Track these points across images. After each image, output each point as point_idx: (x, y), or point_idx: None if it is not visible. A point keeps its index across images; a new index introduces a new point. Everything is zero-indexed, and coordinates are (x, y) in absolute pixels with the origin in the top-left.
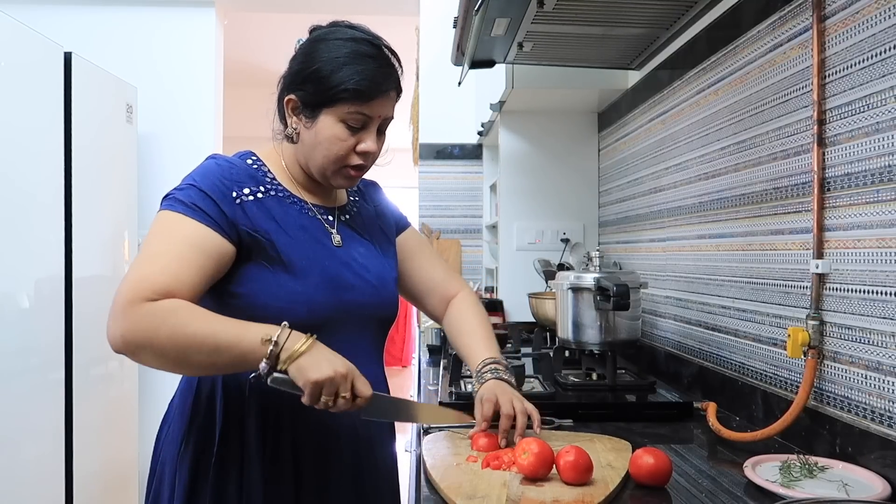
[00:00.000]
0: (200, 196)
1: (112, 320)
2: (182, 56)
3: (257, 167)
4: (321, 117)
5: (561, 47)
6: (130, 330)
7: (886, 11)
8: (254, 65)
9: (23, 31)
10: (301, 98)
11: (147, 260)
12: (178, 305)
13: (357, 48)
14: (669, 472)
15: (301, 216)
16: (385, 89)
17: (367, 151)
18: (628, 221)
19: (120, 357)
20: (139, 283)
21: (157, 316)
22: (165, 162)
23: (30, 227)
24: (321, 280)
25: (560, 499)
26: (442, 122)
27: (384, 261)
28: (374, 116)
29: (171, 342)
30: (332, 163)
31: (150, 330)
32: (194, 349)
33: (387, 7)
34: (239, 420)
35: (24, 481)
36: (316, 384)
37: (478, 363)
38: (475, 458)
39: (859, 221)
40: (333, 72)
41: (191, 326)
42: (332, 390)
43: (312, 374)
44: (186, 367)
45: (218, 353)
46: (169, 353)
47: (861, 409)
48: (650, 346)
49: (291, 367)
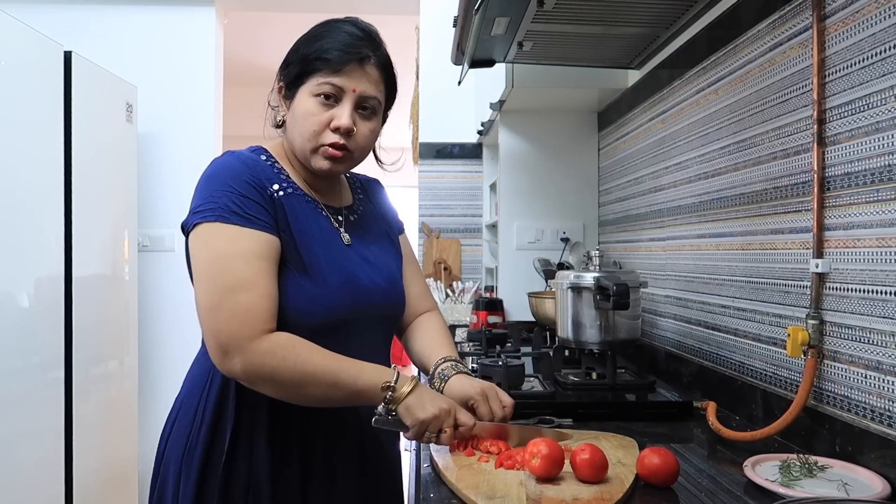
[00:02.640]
0: (245, 201)
1: (226, 355)
2: (182, 55)
3: (271, 163)
4: (297, 96)
5: (561, 46)
6: (255, 365)
7: (886, 11)
8: (254, 64)
9: (23, 30)
10: (284, 80)
11: (238, 287)
12: (295, 341)
13: (332, 24)
14: (677, 472)
15: (317, 216)
16: (354, 58)
17: (339, 126)
18: (628, 221)
19: (120, 356)
20: (249, 315)
21: (278, 354)
22: (165, 161)
23: (30, 227)
24: (339, 282)
25: (579, 497)
26: (442, 121)
27: (391, 261)
28: (346, 88)
29: (290, 378)
30: (307, 140)
31: (273, 366)
32: (313, 385)
33: (387, 6)
34: (250, 417)
35: (23, 480)
36: (423, 423)
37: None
38: (487, 458)
39: (859, 221)
40: (306, 46)
41: (310, 364)
42: (437, 426)
43: (420, 413)
44: (301, 398)
45: (335, 388)
46: (288, 387)
47: (861, 408)
48: (650, 346)
49: (400, 408)
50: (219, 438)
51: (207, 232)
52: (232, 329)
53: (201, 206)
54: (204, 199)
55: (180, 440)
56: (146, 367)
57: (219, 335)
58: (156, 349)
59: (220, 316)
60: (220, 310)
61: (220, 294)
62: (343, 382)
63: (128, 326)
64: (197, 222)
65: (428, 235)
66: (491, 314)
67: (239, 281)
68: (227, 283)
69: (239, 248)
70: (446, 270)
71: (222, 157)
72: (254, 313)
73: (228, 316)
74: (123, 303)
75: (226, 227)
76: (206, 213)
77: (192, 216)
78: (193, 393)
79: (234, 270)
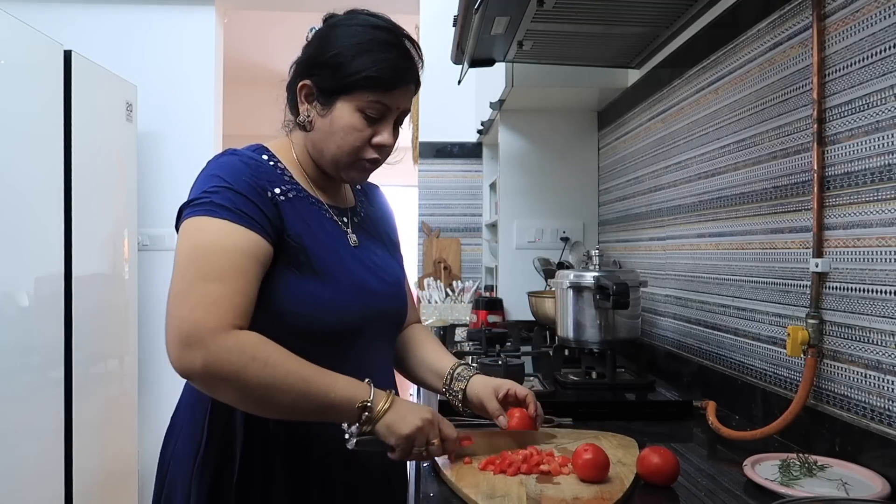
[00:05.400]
0: (240, 199)
1: (187, 346)
2: (182, 54)
3: (274, 164)
4: (337, 105)
5: (561, 46)
6: (218, 361)
7: (886, 10)
8: (254, 63)
9: (23, 29)
10: (316, 83)
11: (212, 278)
12: (266, 342)
13: (378, 35)
14: (677, 471)
15: (322, 219)
16: (406, 80)
17: (384, 144)
18: (628, 220)
19: (119, 355)
20: (219, 308)
21: (247, 353)
22: (165, 160)
23: (30, 226)
24: (349, 286)
25: (580, 496)
26: (442, 120)
27: (395, 264)
28: (392, 108)
29: (258, 381)
30: (346, 154)
31: (239, 365)
32: (282, 391)
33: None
34: (263, 437)
35: (23, 479)
36: (408, 438)
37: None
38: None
39: (859, 220)
40: (353, 57)
41: (282, 367)
42: (423, 440)
43: (403, 428)
44: (264, 406)
45: (306, 398)
46: (254, 390)
47: (860, 407)
48: (650, 345)
49: (379, 427)
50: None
51: (194, 224)
52: (196, 319)
53: (193, 200)
54: (197, 194)
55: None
56: (146, 366)
57: (181, 325)
58: (156, 348)
59: (186, 303)
60: (187, 297)
61: (190, 282)
62: (315, 393)
63: (128, 325)
64: (187, 216)
65: (428, 235)
66: (491, 313)
67: (215, 272)
68: (201, 271)
69: (223, 242)
70: (446, 270)
71: (223, 155)
72: (223, 305)
73: (195, 304)
74: (123, 302)
75: (214, 221)
76: (197, 207)
77: (183, 210)
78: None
79: (212, 261)
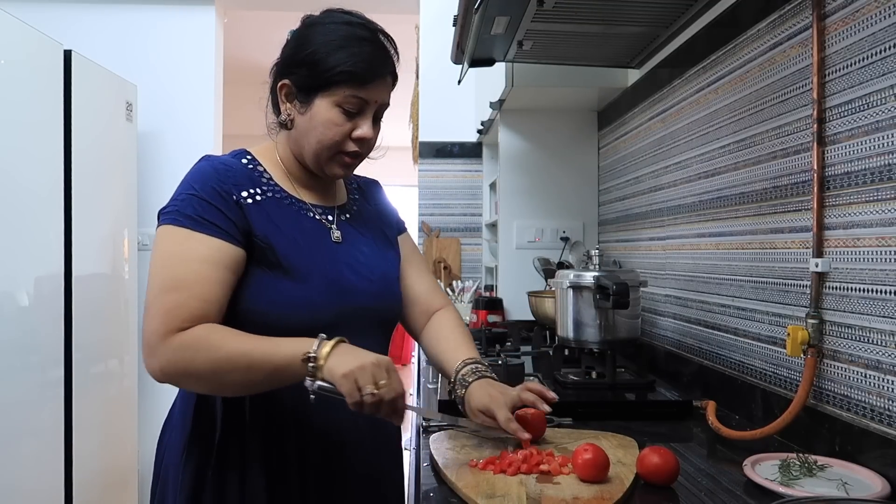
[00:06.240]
0: (204, 206)
1: (148, 355)
2: (182, 54)
3: (252, 167)
4: (316, 101)
5: (561, 46)
6: (169, 362)
7: (886, 10)
8: (253, 63)
9: (23, 28)
10: (295, 82)
11: (170, 287)
12: (210, 330)
13: (352, 31)
14: (677, 471)
15: (300, 218)
16: (382, 73)
17: (363, 137)
18: (628, 220)
19: (119, 355)
20: (168, 315)
21: (191, 346)
22: (165, 160)
23: (29, 225)
24: (322, 284)
25: (579, 496)
26: (442, 120)
27: (387, 260)
28: (370, 101)
29: (207, 367)
30: (326, 149)
31: (187, 360)
32: (229, 370)
33: (386, 5)
34: (240, 430)
35: (23, 479)
36: (347, 377)
37: (456, 363)
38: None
39: (859, 220)
40: (329, 54)
41: (223, 349)
42: (367, 380)
43: (342, 367)
44: (225, 387)
45: (251, 370)
46: (208, 378)
47: (860, 407)
48: (650, 345)
49: (324, 374)
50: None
51: (160, 234)
52: (152, 328)
53: (165, 208)
54: (169, 202)
55: (176, 448)
56: None
57: (144, 335)
58: None
59: (147, 315)
60: (149, 309)
61: (154, 293)
62: (258, 363)
63: (127, 325)
64: (159, 224)
65: (428, 234)
66: (491, 313)
67: (174, 282)
68: (163, 283)
69: (183, 250)
70: (446, 269)
71: (199, 161)
72: (174, 313)
73: (153, 314)
74: (123, 301)
75: (178, 230)
76: (165, 216)
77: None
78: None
79: (172, 271)
